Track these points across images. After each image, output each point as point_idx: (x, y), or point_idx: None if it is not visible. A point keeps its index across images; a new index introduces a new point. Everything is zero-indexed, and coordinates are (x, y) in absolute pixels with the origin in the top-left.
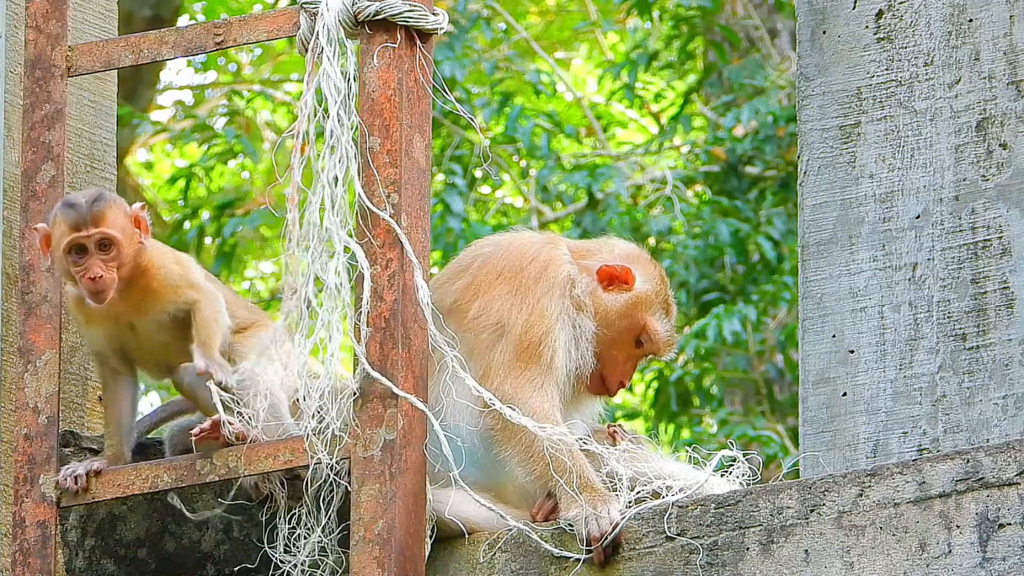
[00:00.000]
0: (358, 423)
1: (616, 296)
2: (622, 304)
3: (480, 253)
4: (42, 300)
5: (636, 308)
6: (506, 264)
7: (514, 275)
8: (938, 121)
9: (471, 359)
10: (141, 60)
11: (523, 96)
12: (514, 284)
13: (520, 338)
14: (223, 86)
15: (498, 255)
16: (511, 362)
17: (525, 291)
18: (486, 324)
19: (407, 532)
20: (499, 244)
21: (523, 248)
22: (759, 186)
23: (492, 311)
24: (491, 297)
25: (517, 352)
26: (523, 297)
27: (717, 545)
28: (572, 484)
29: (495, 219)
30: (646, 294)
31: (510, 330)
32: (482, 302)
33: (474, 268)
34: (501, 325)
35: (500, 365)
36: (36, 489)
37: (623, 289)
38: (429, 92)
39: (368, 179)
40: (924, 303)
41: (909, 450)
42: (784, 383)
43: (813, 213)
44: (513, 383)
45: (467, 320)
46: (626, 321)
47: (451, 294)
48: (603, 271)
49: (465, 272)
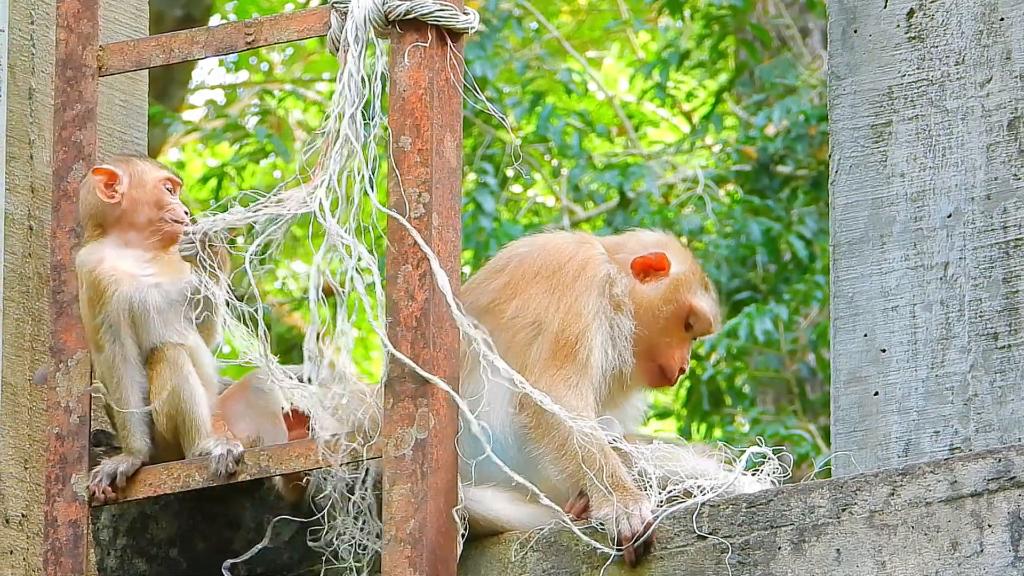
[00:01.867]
0: (391, 421)
1: (655, 285)
2: (664, 290)
3: (516, 253)
4: (73, 299)
5: (678, 291)
6: (543, 263)
7: (551, 274)
8: (969, 120)
9: (507, 357)
10: (172, 60)
11: (554, 95)
12: (552, 283)
13: (556, 336)
14: (255, 85)
15: (534, 255)
16: (547, 360)
17: (563, 290)
18: (523, 323)
19: (439, 531)
20: (535, 244)
21: (560, 248)
22: (790, 185)
23: (529, 310)
24: (528, 296)
25: (553, 351)
26: (560, 296)
27: (748, 544)
28: (604, 482)
29: (526, 218)
30: (684, 275)
31: (547, 328)
32: (519, 301)
33: (511, 268)
34: (538, 324)
35: (535, 363)
36: (68, 488)
37: (660, 276)
38: (460, 91)
39: (398, 179)
40: (956, 302)
41: (941, 449)
42: (816, 382)
43: (844, 212)
44: (548, 381)
45: (504, 320)
46: (672, 306)
47: (488, 294)
48: (637, 263)
49: (502, 272)
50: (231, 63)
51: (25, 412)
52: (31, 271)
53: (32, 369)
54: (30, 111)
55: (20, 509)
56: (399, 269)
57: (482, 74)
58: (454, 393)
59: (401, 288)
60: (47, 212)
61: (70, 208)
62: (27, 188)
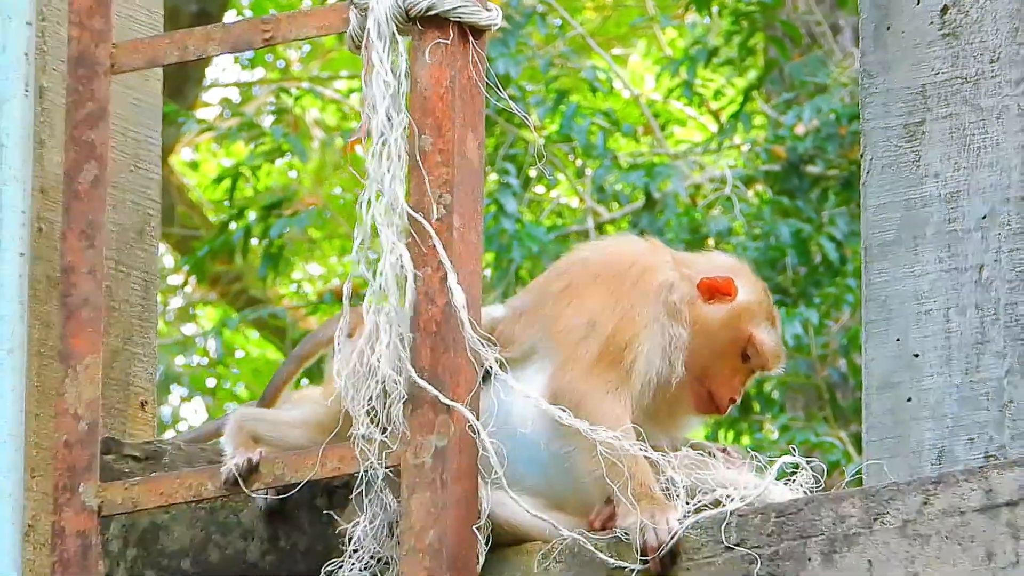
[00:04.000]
0: (408, 429)
1: (718, 308)
2: (724, 315)
3: (580, 257)
4: (83, 303)
5: (740, 319)
6: (605, 267)
7: (612, 278)
8: (1005, 119)
9: (556, 354)
10: (187, 57)
11: (579, 94)
12: (611, 287)
13: (607, 339)
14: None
15: (597, 258)
16: (593, 361)
17: (620, 294)
18: (578, 323)
19: (459, 542)
20: (599, 248)
21: (624, 253)
22: (821, 186)
23: (585, 311)
24: (586, 297)
25: (601, 352)
26: (618, 300)
27: (778, 555)
28: (630, 491)
29: (549, 220)
30: (748, 305)
31: (599, 329)
32: (577, 304)
33: (573, 271)
34: (592, 323)
35: (580, 359)
36: (76, 498)
37: (725, 301)
38: (482, 90)
39: (419, 179)
40: (991, 306)
41: (975, 457)
42: (847, 388)
43: (876, 213)
44: (589, 381)
45: (562, 322)
46: (730, 333)
47: (548, 296)
48: (704, 283)
49: (563, 275)
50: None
51: (32, 419)
52: (40, 274)
53: (40, 375)
54: (40, 110)
55: (27, 519)
56: (419, 271)
57: (505, 72)
58: (470, 414)
59: (421, 291)
60: (57, 213)
61: (81, 209)
62: (37, 189)
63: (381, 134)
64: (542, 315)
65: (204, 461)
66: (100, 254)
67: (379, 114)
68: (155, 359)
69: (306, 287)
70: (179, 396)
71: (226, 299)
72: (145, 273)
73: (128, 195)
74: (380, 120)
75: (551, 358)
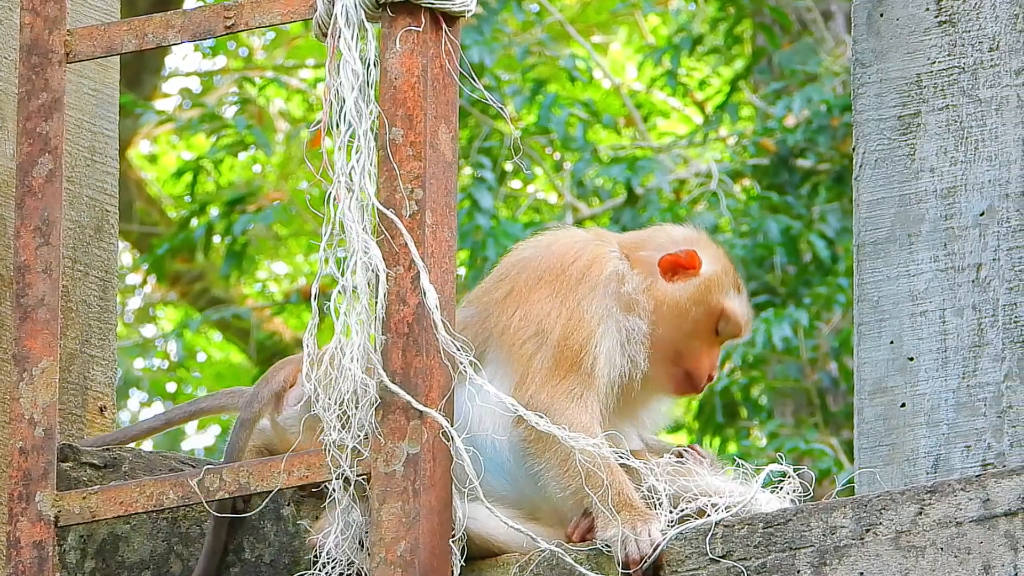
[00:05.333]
0: (380, 435)
1: (684, 285)
2: (693, 291)
3: (520, 258)
4: (39, 304)
5: (709, 292)
6: (547, 266)
7: (555, 278)
8: (1004, 111)
9: (509, 367)
10: (145, 45)
11: (557, 83)
12: (555, 287)
13: (559, 345)
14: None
15: (538, 257)
16: (549, 370)
17: (565, 293)
18: (526, 335)
19: (432, 553)
20: (540, 245)
21: (566, 248)
22: (812, 180)
23: (532, 318)
24: (531, 303)
25: (556, 361)
26: (563, 300)
27: (765, 567)
28: (609, 502)
29: (527, 216)
30: (715, 275)
31: (549, 337)
32: (523, 311)
33: (513, 275)
34: (540, 333)
35: (537, 372)
36: (32, 507)
37: (690, 276)
38: (456, 79)
39: (389, 174)
40: (989, 307)
41: (973, 465)
42: (838, 393)
43: (869, 210)
44: (550, 393)
45: (510, 332)
46: (702, 308)
47: (492, 305)
48: (666, 260)
49: (504, 280)
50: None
51: None
52: None
53: None
54: None
55: None
56: (390, 270)
57: (479, 60)
58: (444, 420)
59: (392, 291)
60: (10, 209)
61: (35, 205)
62: None
63: (349, 126)
64: (487, 327)
65: (165, 469)
66: (56, 252)
67: (347, 105)
68: (114, 362)
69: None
70: (139, 401)
71: (187, 299)
72: (103, 272)
73: (85, 190)
74: (348, 111)
75: (506, 373)
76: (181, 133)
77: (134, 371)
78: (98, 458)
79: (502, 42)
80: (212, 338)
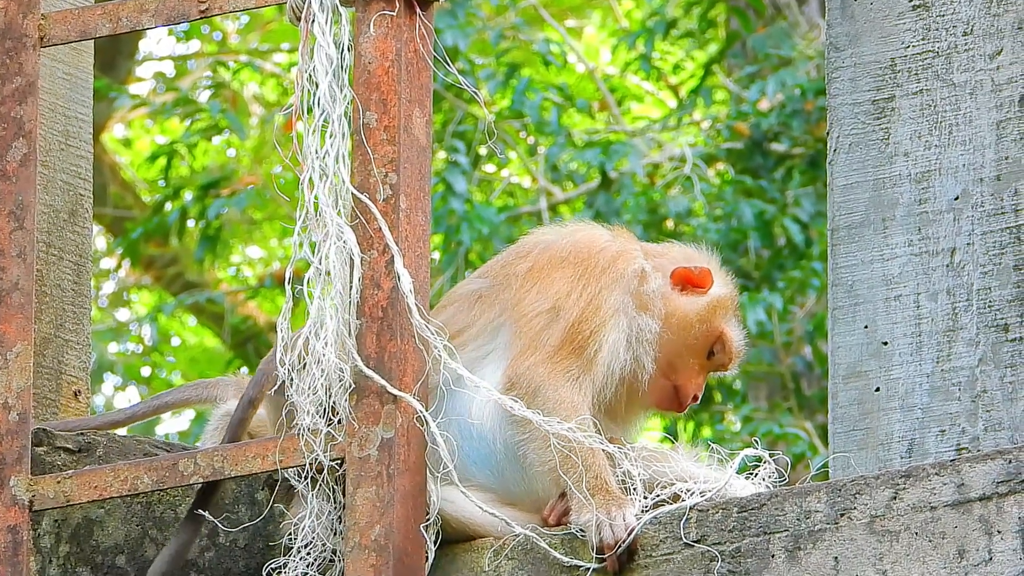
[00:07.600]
0: (354, 419)
1: (693, 300)
2: (700, 308)
3: (544, 239)
4: (13, 288)
5: (714, 313)
6: (574, 250)
7: (580, 262)
8: (978, 95)
9: (516, 336)
10: (120, 29)
11: (531, 67)
12: (579, 270)
13: (571, 326)
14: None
15: (564, 241)
16: (554, 347)
17: (588, 279)
18: (541, 308)
19: (406, 538)
20: (564, 232)
21: (593, 238)
22: (786, 164)
23: (549, 294)
24: (551, 280)
25: (563, 339)
26: (585, 284)
27: (740, 552)
28: (584, 485)
29: (500, 200)
30: (722, 298)
31: (563, 316)
32: (541, 286)
33: (536, 252)
34: (556, 309)
35: (542, 345)
36: (6, 491)
37: (699, 293)
38: (430, 63)
39: (363, 158)
40: (963, 291)
41: (947, 449)
42: (812, 377)
43: (844, 194)
44: (549, 368)
45: (524, 304)
46: (704, 327)
47: (510, 278)
48: (679, 273)
49: (526, 257)
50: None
51: None
52: None
53: None
54: None
55: None
56: (364, 255)
57: (453, 44)
58: (419, 405)
59: (366, 276)
60: None
61: (9, 189)
62: None
63: (323, 111)
64: (503, 298)
65: (140, 453)
66: (30, 236)
67: (321, 89)
68: (89, 346)
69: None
70: (113, 385)
71: (161, 283)
72: (78, 256)
73: (59, 174)
74: (322, 96)
75: (512, 342)
76: (155, 117)
77: (108, 355)
78: (72, 442)
79: (476, 26)
80: (186, 322)
